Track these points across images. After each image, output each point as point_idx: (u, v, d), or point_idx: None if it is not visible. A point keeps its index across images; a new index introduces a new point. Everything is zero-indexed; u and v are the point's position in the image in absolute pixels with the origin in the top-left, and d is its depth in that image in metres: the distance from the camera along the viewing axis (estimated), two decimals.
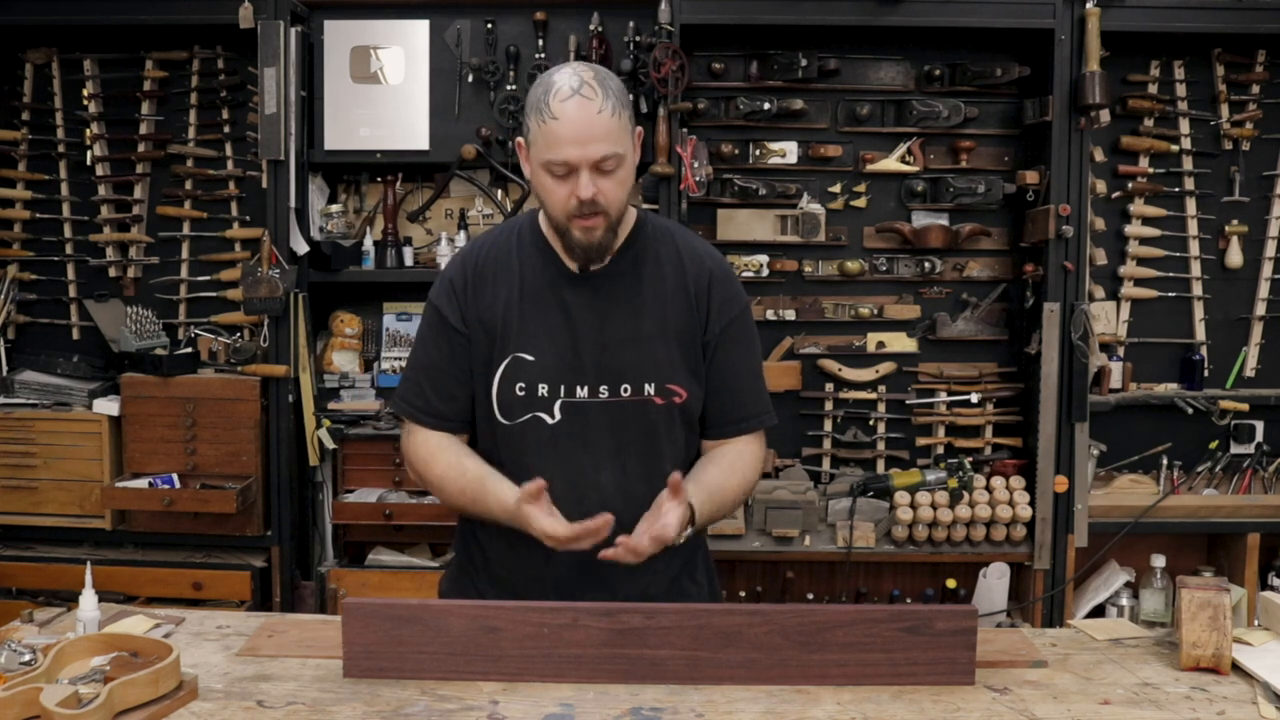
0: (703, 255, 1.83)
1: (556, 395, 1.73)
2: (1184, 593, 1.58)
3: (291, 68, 2.98)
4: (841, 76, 3.17)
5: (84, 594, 1.65)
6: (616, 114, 1.64)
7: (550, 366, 1.74)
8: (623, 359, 1.74)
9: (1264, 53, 3.17)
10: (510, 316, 1.75)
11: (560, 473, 1.72)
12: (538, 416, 1.74)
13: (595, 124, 1.62)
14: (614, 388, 1.74)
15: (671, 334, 1.76)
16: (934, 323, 3.23)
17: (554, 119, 1.62)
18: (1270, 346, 3.26)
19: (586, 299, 1.75)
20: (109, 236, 3.26)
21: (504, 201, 3.20)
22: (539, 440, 1.74)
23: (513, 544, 1.75)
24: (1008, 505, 3.02)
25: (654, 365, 1.75)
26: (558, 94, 1.62)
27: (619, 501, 1.71)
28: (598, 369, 1.74)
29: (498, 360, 1.75)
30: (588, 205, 1.64)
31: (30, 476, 3.08)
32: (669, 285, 1.78)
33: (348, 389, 3.19)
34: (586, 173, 1.63)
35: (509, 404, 1.75)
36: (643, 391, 1.75)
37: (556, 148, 1.63)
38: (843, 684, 1.49)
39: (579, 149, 1.62)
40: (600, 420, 1.74)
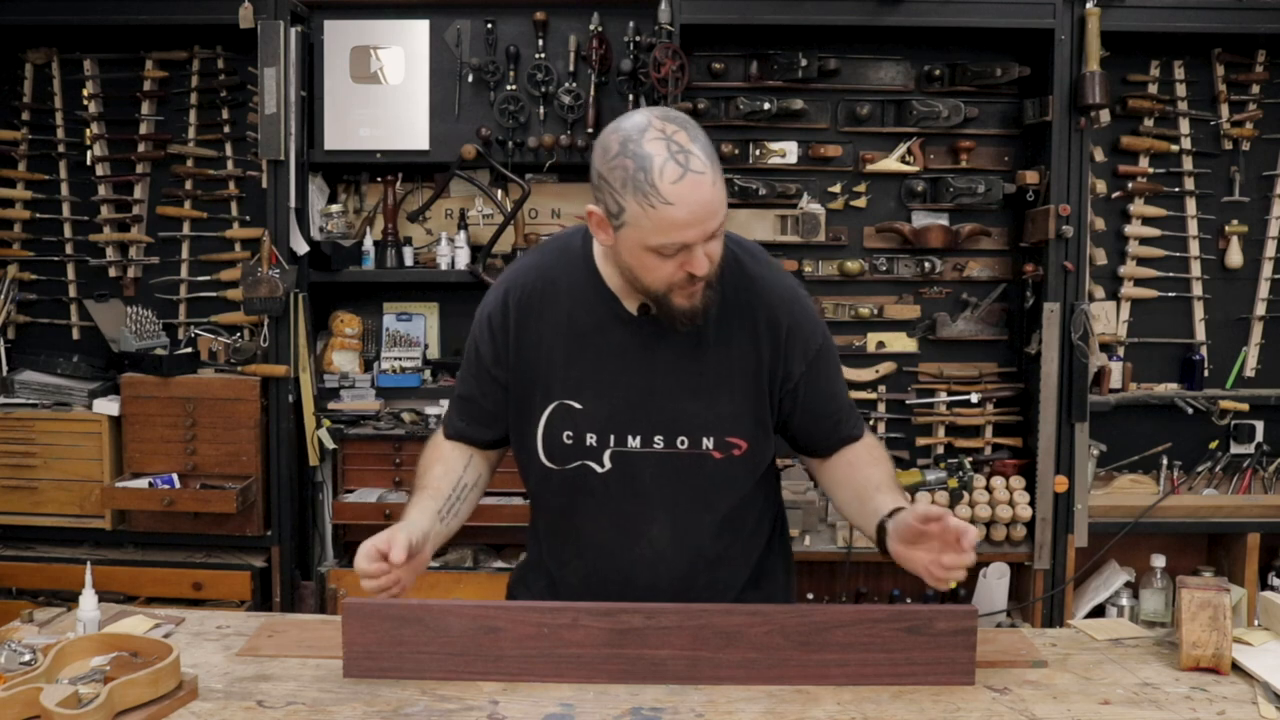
0: (775, 291, 1.68)
1: (606, 445, 1.63)
2: (1184, 593, 1.57)
3: (291, 68, 2.98)
4: (841, 76, 3.17)
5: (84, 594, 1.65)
6: (719, 174, 1.49)
7: (600, 416, 1.63)
8: (679, 409, 1.63)
9: (1264, 53, 3.17)
10: (555, 360, 1.64)
11: (610, 522, 1.66)
12: (586, 465, 1.64)
13: (712, 200, 1.47)
14: (669, 439, 1.63)
15: (736, 382, 1.64)
16: (934, 323, 3.23)
17: (668, 205, 1.44)
18: (1270, 346, 3.26)
19: (642, 343, 1.62)
20: (109, 236, 3.26)
21: (504, 201, 3.20)
22: (588, 489, 1.66)
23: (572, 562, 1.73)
24: (1008, 505, 3.02)
25: (714, 417, 1.63)
26: (664, 174, 1.44)
27: (671, 553, 1.67)
28: (651, 419, 1.63)
29: (541, 405, 1.65)
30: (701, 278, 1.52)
31: (30, 476, 3.08)
32: (736, 327, 1.64)
33: (348, 389, 3.19)
34: (701, 248, 1.49)
35: (556, 451, 1.65)
36: (700, 445, 1.63)
37: (671, 232, 1.46)
38: (843, 684, 1.49)
39: (698, 230, 1.47)
40: (653, 471, 1.64)
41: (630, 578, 1.68)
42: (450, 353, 3.34)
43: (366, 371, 3.25)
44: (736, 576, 1.75)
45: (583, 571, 1.72)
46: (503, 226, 3.17)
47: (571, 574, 1.74)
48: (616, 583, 1.68)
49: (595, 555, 1.70)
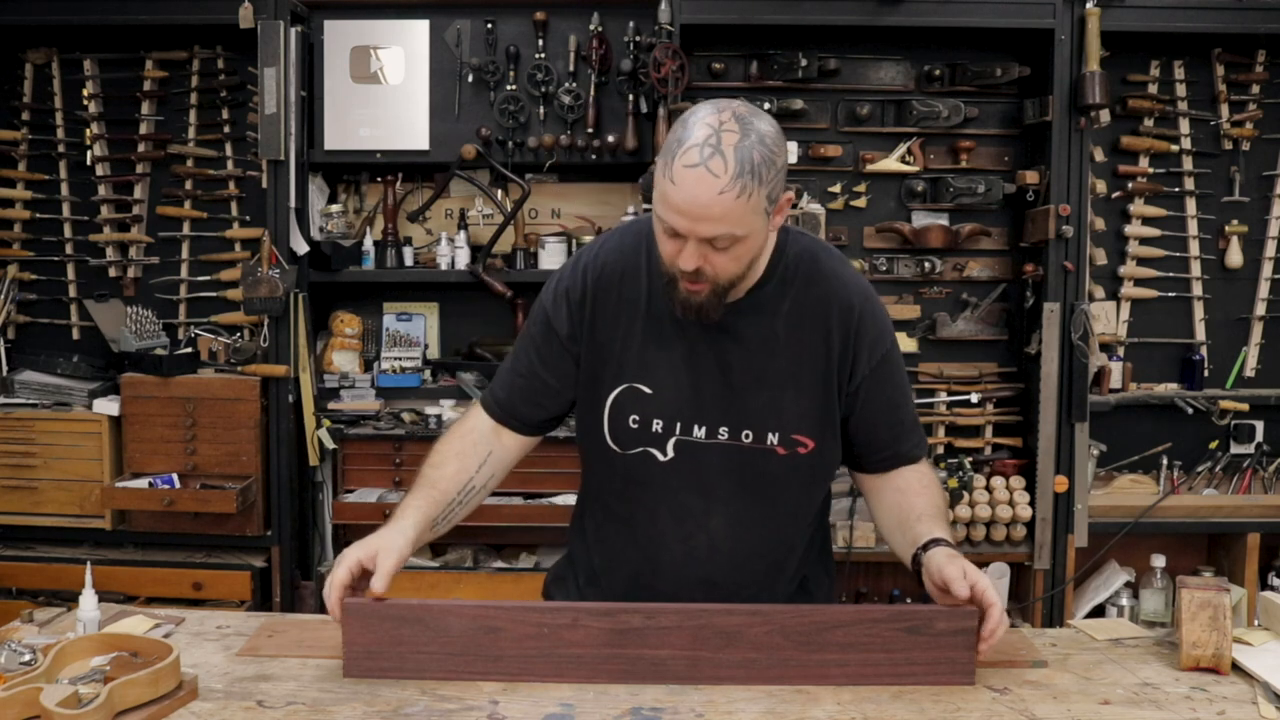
0: (849, 288, 1.66)
1: (671, 433, 1.63)
2: (1184, 593, 1.57)
3: (291, 68, 2.98)
4: (841, 76, 3.17)
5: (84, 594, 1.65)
6: (745, 194, 1.43)
7: (668, 402, 1.62)
8: (747, 403, 1.62)
9: (1264, 53, 3.17)
10: (631, 341, 1.63)
11: (669, 511, 1.66)
12: (649, 452, 1.64)
13: (712, 205, 1.43)
14: (734, 432, 1.62)
15: (805, 380, 1.63)
16: (934, 323, 3.23)
17: (671, 182, 1.45)
18: (1270, 346, 3.26)
19: (715, 333, 1.61)
20: (109, 236, 3.26)
21: (504, 201, 3.20)
22: (649, 476, 1.65)
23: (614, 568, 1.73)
24: (1008, 505, 3.02)
25: (781, 413, 1.62)
26: (685, 154, 1.43)
27: (728, 546, 1.66)
28: (719, 410, 1.62)
29: (610, 385, 1.64)
30: (691, 274, 1.51)
31: (30, 476, 3.08)
32: (808, 324, 1.63)
33: (348, 389, 3.19)
34: (694, 244, 1.48)
35: (621, 433, 1.65)
36: (765, 440, 1.62)
37: (668, 211, 1.47)
38: (843, 684, 1.49)
39: (688, 223, 1.46)
40: (716, 463, 1.63)
41: (684, 572, 1.67)
42: (450, 353, 3.34)
43: (366, 371, 3.25)
44: (787, 579, 1.74)
45: (635, 565, 1.70)
46: (503, 226, 3.17)
47: (621, 566, 1.72)
48: (670, 577, 1.68)
49: (650, 546, 1.68)
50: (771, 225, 1.53)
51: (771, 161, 1.46)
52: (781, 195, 1.52)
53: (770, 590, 1.71)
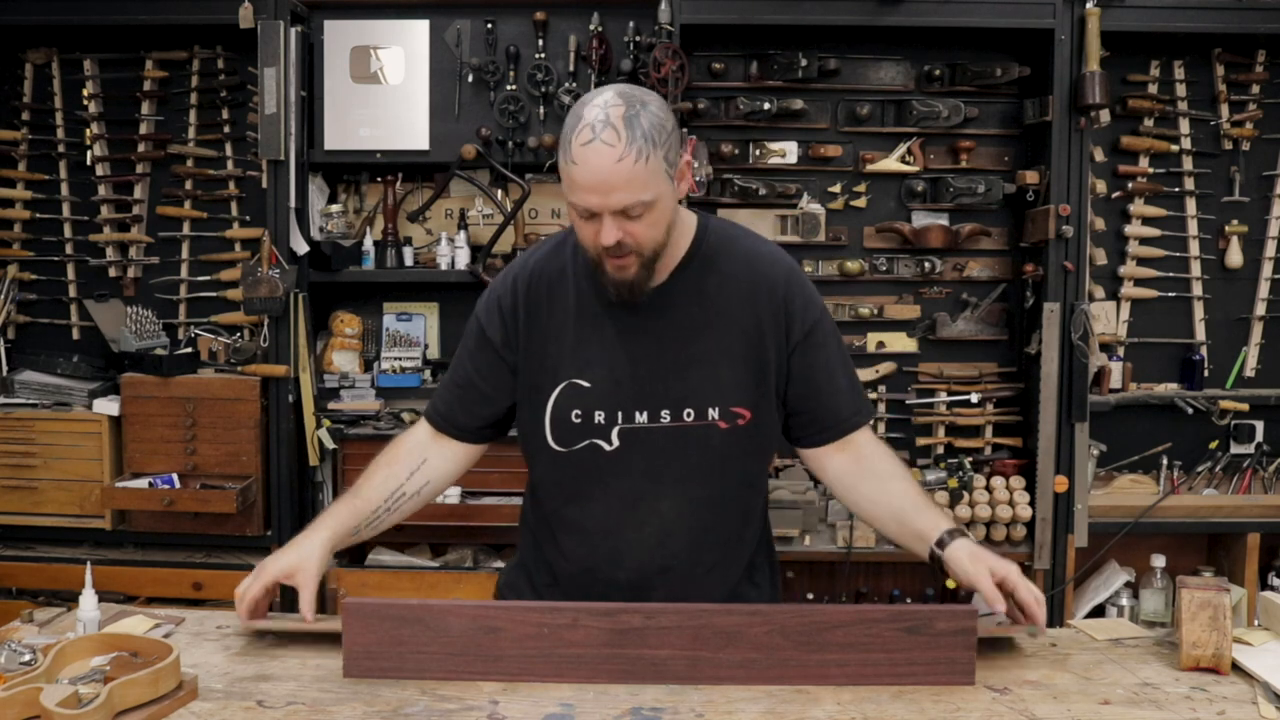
0: (771, 258, 1.73)
1: (614, 422, 1.66)
2: (1184, 593, 1.57)
3: (291, 68, 2.98)
4: (841, 76, 3.17)
5: (84, 594, 1.65)
6: (643, 158, 1.50)
7: (608, 393, 1.66)
8: (684, 382, 1.66)
9: (1264, 53, 3.17)
10: (565, 342, 1.68)
11: (620, 501, 1.68)
12: (594, 444, 1.67)
13: (615, 173, 1.50)
14: (675, 412, 1.66)
15: (737, 353, 1.67)
16: (934, 323, 3.23)
17: (573, 164, 1.52)
18: (1270, 346, 3.26)
19: (645, 320, 1.67)
20: (109, 236, 3.27)
21: (504, 201, 3.20)
22: (596, 468, 1.68)
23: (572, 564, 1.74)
24: (1008, 505, 3.02)
25: (718, 387, 1.66)
26: (579, 136, 1.51)
27: (681, 528, 1.69)
28: (657, 393, 1.66)
29: (550, 386, 1.68)
30: (614, 249, 1.56)
31: (30, 476, 3.08)
32: (735, 299, 1.68)
33: (348, 389, 3.19)
34: (609, 219, 1.53)
35: (565, 431, 1.68)
36: (706, 415, 1.66)
37: (577, 193, 1.54)
38: (843, 684, 1.49)
39: (599, 197, 1.52)
40: (661, 446, 1.67)
41: (641, 559, 1.70)
42: (450, 353, 3.33)
43: (366, 371, 3.25)
44: (739, 559, 1.78)
45: (592, 560, 1.72)
46: (503, 226, 3.17)
47: (578, 563, 1.74)
48: (628, 566, 1.70)
49: (605, 539, 1.70)
50: (679, 190, 1.61)
51: (661, 126, 1.54)
52: (680, 159, 1.59)
53: (724, 573, 1.75)
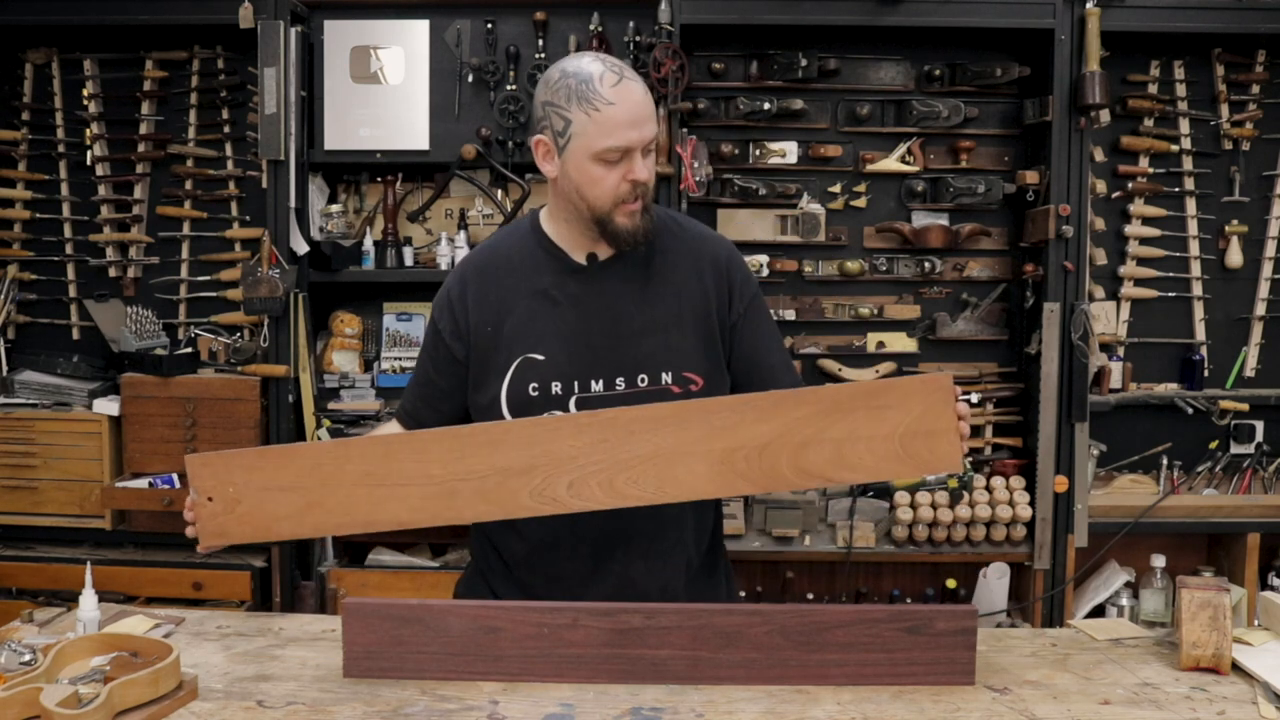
0: (713, 237, 1.86)
1: (571, 391, 1.70)
2: (1184, 593, 1.58)
3: (291, 68, 2.98)
4: (841, 76, 3.17)
5: (84, 594, 1.65)
6: (649, 92, 1.67)
7: (562, 363, 1.71)
8: (637, 349, 1.72)
9: (1264, 53, 3.17)
10: (517, 320, 1.73)
11: None
12: (552, 414, 1.69)
13: (646, 104, 1.64)
14: (630, 379, 1.71)
15: (687, 321, 1.74)
16: (934, 323, 3.23)
17: (610, 104, 1.61)
18: (1270, 346, 3.26)
19: (594, 289, 1.74)
20: (109, 236, 3.27)
21: (504, 201, 3.20)
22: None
23: (530, 544, 1.75)
24: (1008, 505, 3.02)
25: (670, 353, 1.73)
26: (604, 80, 1.62)
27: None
28: (612, 361, 1.71)
29: (505, 364, 1.72)
30: (641, 187, 1.65)
31: (30, 476, 3.08)
32: (681, 271, 1.77)
33: (348, 389, 3.19)
34: (639, 155, 1.64)
35: (522, 405, 1.71)
36: (660, 381, 1.72)
37: (615, 133, 1.62)
38: (843, 684, 1.49)
39: (637, 131, 1.63)
40: None
41: (606, 531, 1.71)
42: None
43: (366, 371, 3.25)
44: (701, 526, 1.81)
45: (556, 537, 1.72)
46: (502, 226, 3.17)
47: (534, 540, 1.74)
48: (592, 540, 1.71)
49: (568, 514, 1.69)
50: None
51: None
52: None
53: (682, 539, 1.78)
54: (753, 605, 1.56)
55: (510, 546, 1.80)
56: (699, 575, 1.83)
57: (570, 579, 1.73)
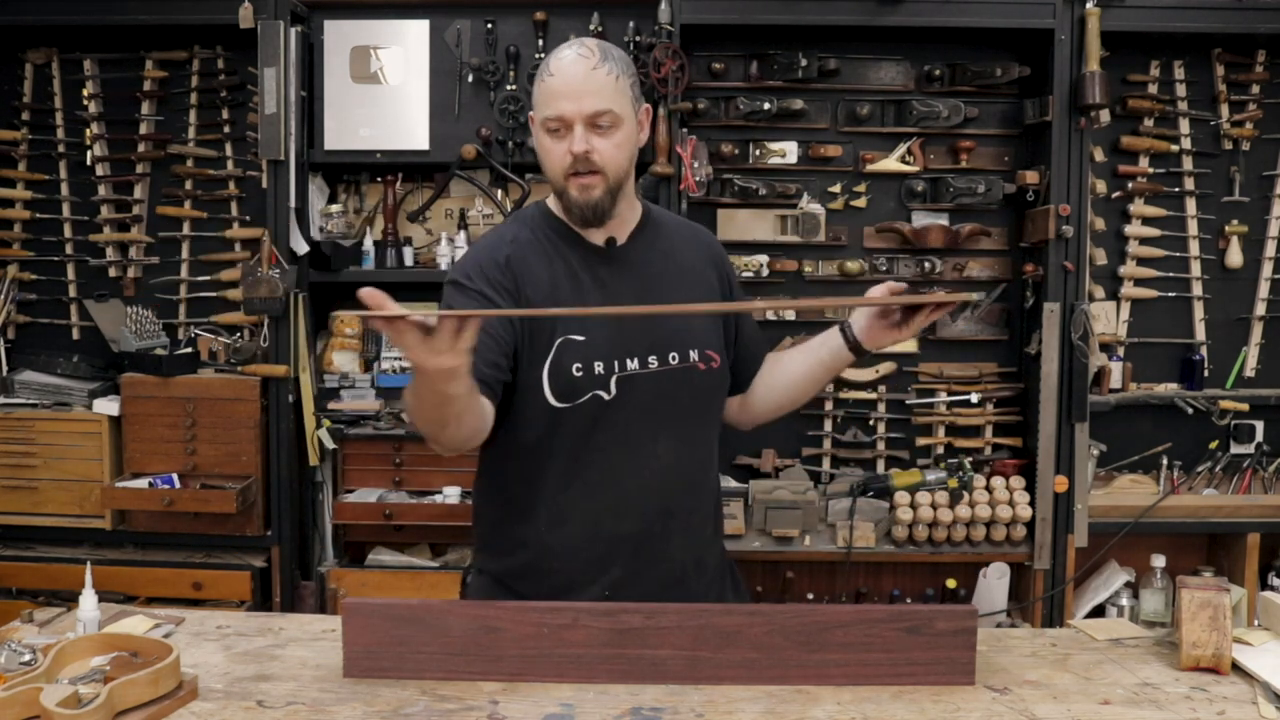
0: (703, 231, 2.01)
1: (612, 371, 1.74)
2: (1184, 593, 1.58)
3: (291, 68, 2.98)
4: (841, 76, 3.17)
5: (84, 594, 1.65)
6: (614, 75, 1.70)
7: (601, 343, 1.74)
8: (667, 327, 1.79)
9: (1264, 53, 3.16)
10: (554, 300, 1.75)
11: (622, 447, 1.75)
12: (597, 395, 1.73)
13: (590, 79, 1.68)
14: (663, 356, 1.77)
15: (702, 301, 1.86)
16: (934, 323, 3.22)
17: (550, 75, 1.69)
18: (1270, 346, 3.26)
19: (619, 270, 1.79)
20: (109, 236, 3.26)
21: (504, 201, 3.20)
22: (599, 417, 1.74)
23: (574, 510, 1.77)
24: (1008, 505, 3.02)
25: (693, 332, 1.81)
26: (558, 55, 1.71)
27: (675, 469, 1.79)
28: (645, 340, 1.77)
29: (546, 346, 1.73)
30: (581, 161, 1.68)
31: (30, 476, 3.08)
32: (688, 256, 1.88)
33: (348, 389, 3.19)
34: (580, 127, 1.68)
35: (565, 387, 1.73)
36: (688, 358, 1.80)
37: (552, 102, 1.69)
38: (843, 684, 1.49)
39: (573, 103, 1.67)
40: (654, 390, 1.77)
41: (645, 505, 1.77)
42: None
43: (366, 371, 3.25)
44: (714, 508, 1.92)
45: (595, 514, 1.76)
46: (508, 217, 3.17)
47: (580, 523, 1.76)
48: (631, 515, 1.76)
49: (609, 489, 1.76)
50: (640, 130, 1.77)
51: (628, 63, 1.74)
52: (642, 106, 1.78)
53: (712, 510, 1.91)
54: (753, 605, 1.56)
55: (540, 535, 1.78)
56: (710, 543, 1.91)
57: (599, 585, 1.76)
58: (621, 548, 1.76)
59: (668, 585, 1.79)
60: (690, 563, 1.83)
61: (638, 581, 1.76)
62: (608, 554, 1.76)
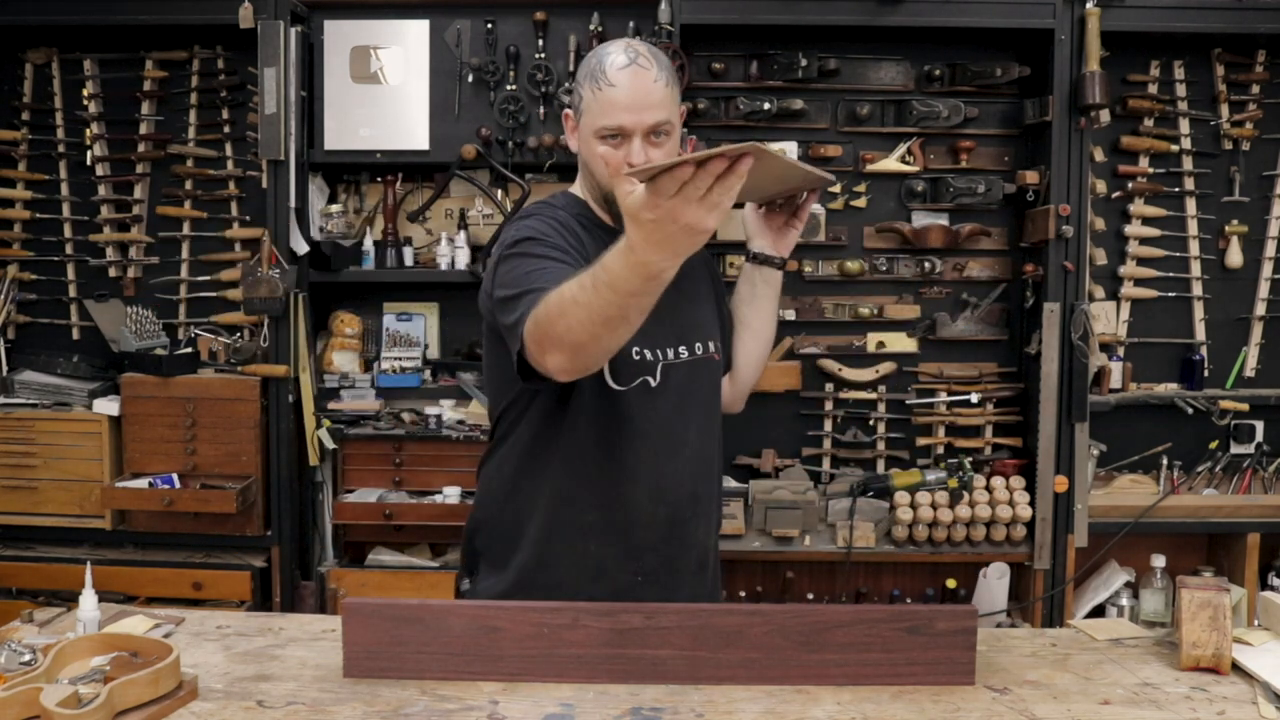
0: None
1: (658, 358, 1.79)
2: (1184, 593, 1.58)
3: (291, 68, 2.98)
4: (841, 76, 3.17)
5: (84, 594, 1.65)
6: (669, 85, 1.72)
7: (648, 331, 1.67)
8: (691, 319, 1.85)
9: (1264, 53, 3.17)
10: None
11: (659, 432, 1.79)
12: (645, 380, 1.78)
13: (651, 91, 1.69)
14: (691, 347, 1.83)
15: (704, 296, 1.92)
16: (934, 323, 3.23)
17: (611, 86, 1.69)
18: (1270, 346, 3.26)
19: None
20: (109, 236, 3.26)
21: (504, 201, 3.20)
22: (644, 404, 1.78)
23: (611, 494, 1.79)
24: (1008, 505, 3.02)
25: (709, 325, 1.89)
26: (614, 63, 1.70)
27: (701, 456, 1.85)
28: (677, 330, 1.81)
29: None
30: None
31: (30, 476, 3.08)
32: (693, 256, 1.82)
33: (348, 389, 3.19)
34: (639, 139, 1.70)
35: (622, 367, 1.75)
36: (709, 348, 1.87)
37: (612, 113, 1.69)
38: (843, 684, 1.49)
39: (634, 115, 1.68)
40: (687, 379, 1.82)
41: (677, 491, 1.81)
42: (450, 353, 3.34)
43: (366, 371, 3.25)
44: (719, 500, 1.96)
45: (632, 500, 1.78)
46: (502, 227, 3.17)
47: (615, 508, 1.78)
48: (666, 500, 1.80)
49: (648, 474, 1.79)
50: (678, 132, 1.77)
51: (671, 66, 1.76)
52: (680, 105, 1.78)
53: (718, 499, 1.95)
54: (753, 605, 1.56)
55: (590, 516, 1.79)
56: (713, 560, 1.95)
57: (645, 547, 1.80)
58: (657, 532, 1.80)
59: (694, 570, 1.86)
60: (711, 547, 1.91)
61: (670, 566, 1.82)
62: (645, 539, 1.79)
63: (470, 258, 3.17)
